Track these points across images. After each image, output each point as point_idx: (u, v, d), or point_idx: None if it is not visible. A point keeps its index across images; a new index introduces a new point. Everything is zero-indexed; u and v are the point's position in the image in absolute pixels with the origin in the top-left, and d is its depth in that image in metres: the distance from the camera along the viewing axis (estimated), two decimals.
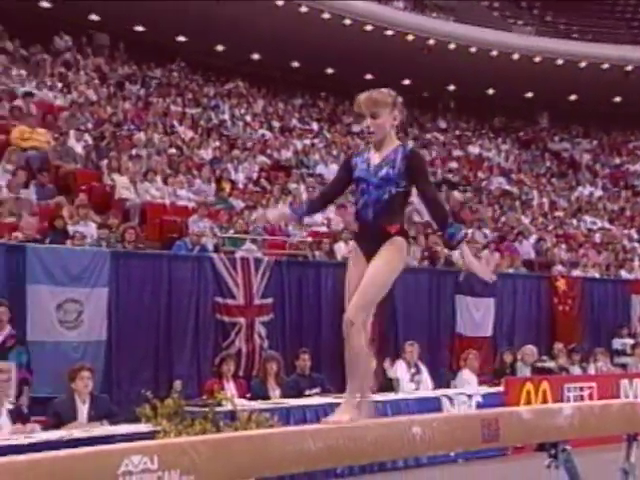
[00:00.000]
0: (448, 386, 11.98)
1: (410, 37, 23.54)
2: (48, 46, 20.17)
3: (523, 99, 27.44)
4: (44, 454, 3.52)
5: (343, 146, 21.14)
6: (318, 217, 15.89)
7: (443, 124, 26.43)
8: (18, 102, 15.51)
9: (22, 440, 7.11)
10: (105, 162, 14.24)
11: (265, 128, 20.34)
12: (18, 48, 19.00)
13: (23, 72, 17.59)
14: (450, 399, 10.82)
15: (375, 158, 4.44)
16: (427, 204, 4.46)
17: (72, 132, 14.94)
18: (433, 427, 4.27)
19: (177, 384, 9.48)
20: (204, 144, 17.52)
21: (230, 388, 10.13)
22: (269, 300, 11.93)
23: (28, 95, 15.94)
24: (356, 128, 23.55)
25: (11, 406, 7.92)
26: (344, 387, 11.70)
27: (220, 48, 22.85)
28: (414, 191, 4.44)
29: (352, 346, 4.30)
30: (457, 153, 24.06)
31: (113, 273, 10.54)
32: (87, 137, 15.24)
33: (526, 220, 19.94)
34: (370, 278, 4.31)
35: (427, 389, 11.68)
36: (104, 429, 7.79)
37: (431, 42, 23.84)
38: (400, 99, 4.50)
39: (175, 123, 18.14)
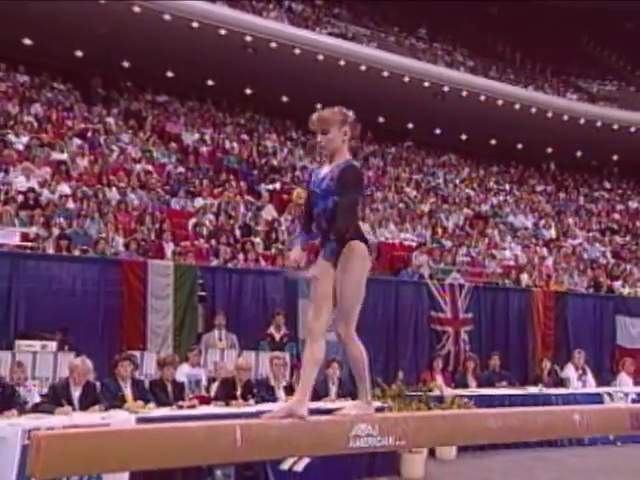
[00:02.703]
0: (609, 385, 11.25)
1: (565, 117, 22.08)
2: None
3: None
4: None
5: (529, 202, 20.36)
6: (507, 254, 15.41)
7: (608, 185, 24.78)
8: (297, 173, 16.37)
9: None
10: None
11: (469, 188, 20.03)
12: (300, 135, 19.99)
13: (301, 152, 18.50)
14: (610, 395, 10.23)
15: (325, 171, 3.54)
16: (338, 210, 3.43)
17: None
18: (590, 416, 4.02)
19: (401, 374, 9.47)
20: (424, 200, 17.53)
21: (439, 379, 10.03)
22: (470, 315, 11.68)
23: (303, 168, 16.79)
24: (539, 188, 22.63)
25: (285, 383, 8.24)
26: (527, 382, 11.25)
27: (438, 131, 22.69)
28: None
29: (352, 356, 3.64)
30: (619, 207, 22.46)
31: None
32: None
33: None
34: (345, 296, 3.54)
35: (591, 387, 11.02)
36: (346, 404, 7.92)
37: (598, 124, 22.50)
38: (351, 115, 3.50)
39: (404, 185, 18.28)
